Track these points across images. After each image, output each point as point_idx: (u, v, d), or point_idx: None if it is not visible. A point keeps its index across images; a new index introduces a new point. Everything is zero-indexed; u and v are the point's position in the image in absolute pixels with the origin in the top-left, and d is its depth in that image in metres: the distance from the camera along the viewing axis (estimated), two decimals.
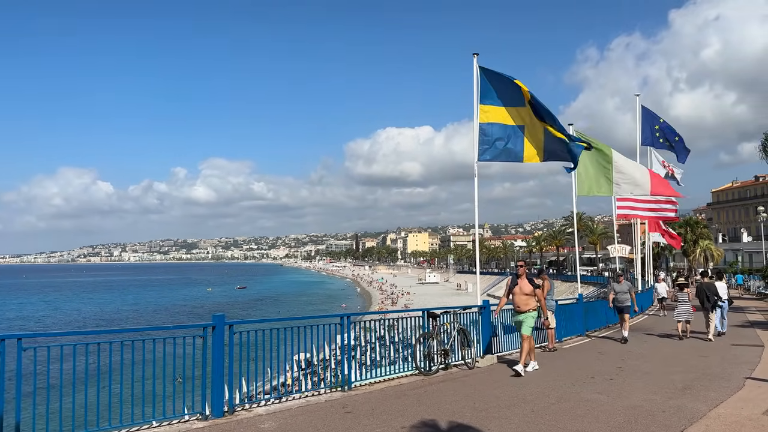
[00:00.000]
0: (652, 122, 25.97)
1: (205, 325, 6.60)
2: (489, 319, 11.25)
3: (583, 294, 16.27)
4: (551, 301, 12.85)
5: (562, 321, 14.42)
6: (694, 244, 54.19)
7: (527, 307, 9.81)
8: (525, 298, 9.82)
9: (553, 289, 12.96)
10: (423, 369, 9.38)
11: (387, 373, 9.12)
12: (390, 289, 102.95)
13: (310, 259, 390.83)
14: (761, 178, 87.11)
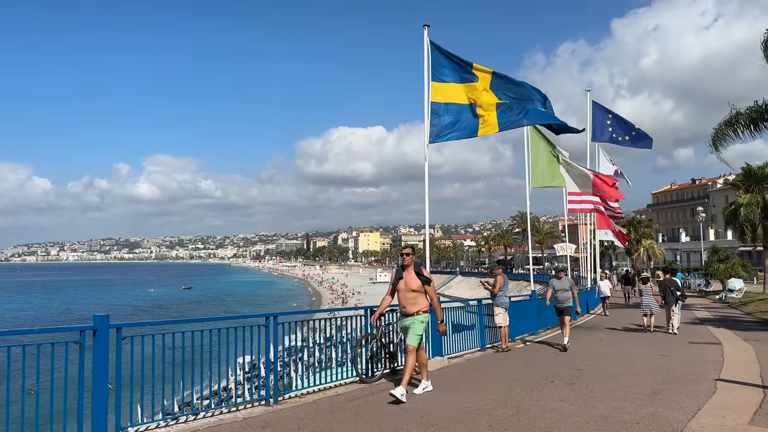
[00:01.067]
0: (603, 117, 25.74)
1: (84, 329, 5.20)
2: (434, 321, 10.19)
3: (536, 291, 15.52)
4: (504, 298, 11.94)
5: (515, 319, 13.57)
6: (637, 243, 55.36)
7: (415, 308, 7.37)
8: (412, 296, 7.38)
9: (506, 286, 12.06)
10: (365, 375, 8.22)
11: (323, 381, 7.90)
12: (341, 288, 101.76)
13: (259, 259, 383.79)
14: (698, 180, 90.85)
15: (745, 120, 19.86)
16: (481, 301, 12.24)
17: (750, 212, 28.93)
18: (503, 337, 11.86)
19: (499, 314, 11.79)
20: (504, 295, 11.93)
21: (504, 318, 11.79)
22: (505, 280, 12.04)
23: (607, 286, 22.13)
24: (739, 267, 31.88)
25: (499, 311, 11.79)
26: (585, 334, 15.31)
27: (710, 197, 77.26)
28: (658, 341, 13.64)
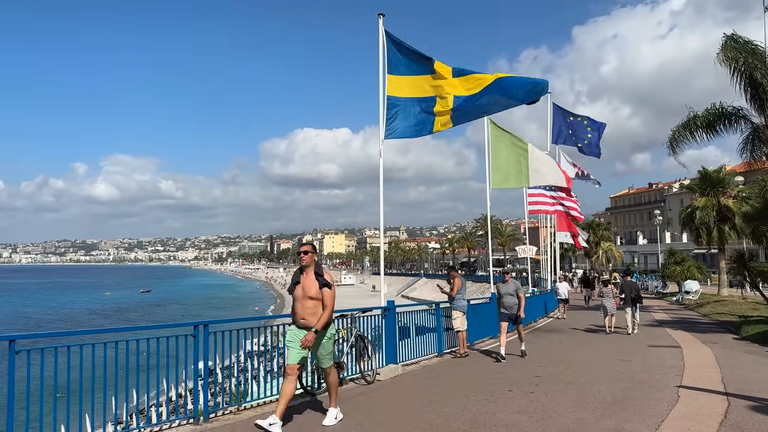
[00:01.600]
0: (563, 120, 25.72)
1: None
2: (394, 323, 9.65)
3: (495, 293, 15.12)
4: (462, 301, 11.47)
5: (474, 322, 13.15)
6: (596, 246, 56.24)
7: (316, 317, 5.84)
8: (311, 305, 5.86)
9: (464, 288, 11.58)
10: (309, 387, 7.58)
11: (263, 395, 7.23)
12: None
13: (221, 262, 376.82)
14: (654, 185, 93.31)
15: (702, 122, 20.04)
16: (439, 304, 11.76)
17: (705, 215, 29.47)
18: (461, 341, 11.38)
19: (457, 318, 11.32)
20: (462, 298, 11.46)
21: (462, 322, 11.32)
22: (463, 282, 11.57)
23: (565, 289, 21.40)
24: (695, 269, 32.51)
25: (457, 315, 11.33)
26: (545, 338, 15.02)
27: (666, 201, 79.32)
28: (619, 344, 13.43)
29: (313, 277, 5.95)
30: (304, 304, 5.92)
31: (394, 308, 9.69)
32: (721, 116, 19.88)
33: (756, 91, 18.49)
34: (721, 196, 30.04)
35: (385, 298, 10.32)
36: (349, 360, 8.40)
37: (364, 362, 8.51)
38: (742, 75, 18.57)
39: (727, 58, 18.37)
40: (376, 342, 9.38)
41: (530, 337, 15.07)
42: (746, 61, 18.11)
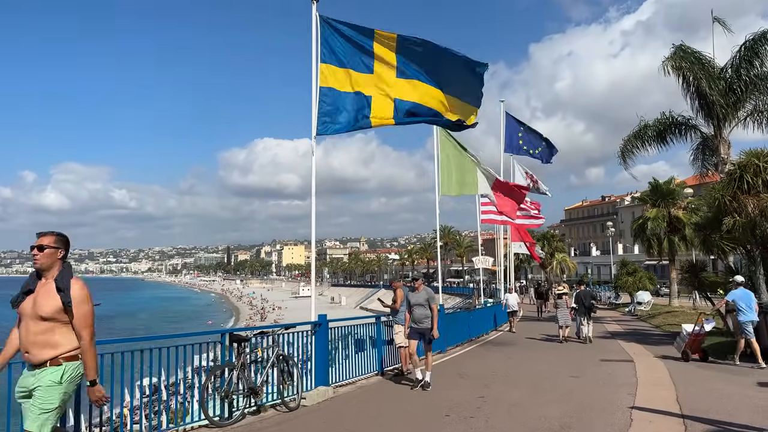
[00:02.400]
0: (515, 129, 25.48)
1: None
2: (326, 340, 8.68)
3: (444, 305, 14.38)
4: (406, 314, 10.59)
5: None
6: (551, 257, 56.63)
7: (45, 353, 3.73)
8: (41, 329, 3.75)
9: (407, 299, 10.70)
10: (219, 417, 6.54)
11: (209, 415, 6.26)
12: (261, 303, 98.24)
13: (176, 274, 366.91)
14: (607, 197, 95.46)
15: (653, 132, 19.99)
16: (380, 317, 10.85)
17: (656, 225, 29.70)
18: (403, 358, 10.48)
19: (399, 333, 10.42)
20: (405, 311, 10.57)
21: (404, 337, 10.43)
22: (406, 294, 10.70)
23: (515, 300, 20.05)
24: (646, 280, 32.73)
25: (399, 329, 10.43)
26: (495, 351, 14.31)
27: (619, 213, 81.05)
28: (570, 358, 12.82)
29: (52, 289, 3.80)
30: (29, 327, 3.76)
31: (327, 323, 8.73)
32: (671, 126, 19.88)
33: (704, 101, 18.52)
34: (671, 208, 30.34)
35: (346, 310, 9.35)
36: (270, 383, 7.39)
37: (287, 386, 7.51)
38: (690, 85, 18.60)
39: (674, 67, 18.35)
40: (305, 361, 8.41)
41: (480, 351, 14.36)
42: (694, 72, 18.12)
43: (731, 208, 13.42)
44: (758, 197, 12.97)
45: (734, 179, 13.50)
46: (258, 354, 7.28)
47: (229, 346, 6.92)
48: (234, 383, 6.69)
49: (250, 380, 6.91)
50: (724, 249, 14.24)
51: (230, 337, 6.90)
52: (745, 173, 13.30)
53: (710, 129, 19.18)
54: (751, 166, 13.28)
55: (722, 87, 18.15)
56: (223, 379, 6.65)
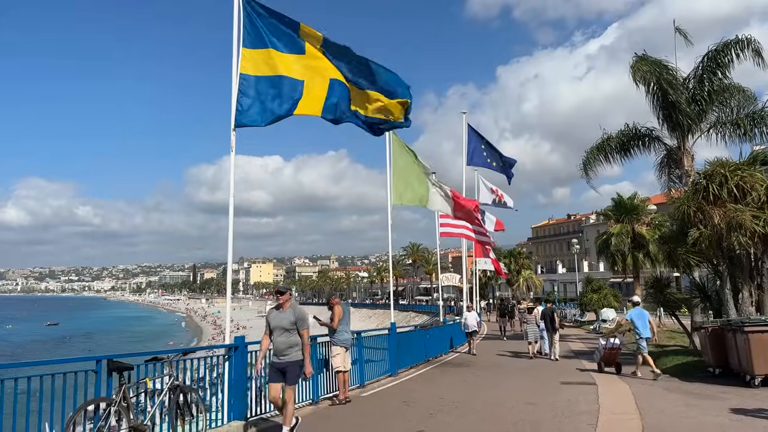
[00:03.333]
0: (478, 141, 24.78)
1: None
2: (244, 365, 7.45)
3: (395, 323, 13.22)
4: (345, 334, 9.42)
5: (364, 358, 11.18)
6: (517, 274, 56.23)
7: None
8: None
9: (348, 318, 9.56)
10: None
11: None
12: None
13: (140, 292, 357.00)
14: (573, 216, 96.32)
15: (616, 144, 19.42)
16: (316, 338, 9.63)
17: (620, 242, 29.22)
18: (341, 384, 9.29)
19: (337, 355, 9.25)
20: (345, 331, 9.42)
21: (343, 360, 9.26)
22: (346, 311, 9.55)
23: (474, 319, 18.15)
24: (611, 297, 32.21)
25: (337, 351, 9.26)
26: (450, 374, 13.21)
27: (584, 231, 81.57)
28: (529, 381, 11.82)
29: None
30: None
31: (245, 346, 7.50)
32: (634, 137, 19.35)
33: (668, 111, 18.06)
34: (635, 224, 29.96)
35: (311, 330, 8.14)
36: (165, 421, 6.11)
37: (186, 422, 6.25)
38: (655, 94, 18.14)
39: (639, 74, 17.88)
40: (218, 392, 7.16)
41: (434, 373, 13.24)
42: (658, 78, 17.66)
43: (696, 220, 12.74)
44: (724, 207, 12.31)
45: (699, 189, 12.84)
46: (148, 385, 6.02)
47: (108, 376, 5.65)
48: (111, 421, 5.42)
49: (133, 418, 5.63)
50: (690, 263, 13.54)
51: (108, 365, 5.63)
52: (710, 183, 12.65)
53: (674, 141, 18.73)
54: (717, 175, 12.65)
55: (686, 97, 17.74)
56: (97, 417, 5.37)
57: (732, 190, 12.42)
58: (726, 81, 17.95)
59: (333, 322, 9.29)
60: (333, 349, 9.30)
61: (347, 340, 9.42)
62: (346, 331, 9.42)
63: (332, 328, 9.39)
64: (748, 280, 12.74)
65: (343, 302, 9.71)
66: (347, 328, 9.47)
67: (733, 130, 18.06)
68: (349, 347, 9.52)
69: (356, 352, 10.84)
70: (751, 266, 12.87)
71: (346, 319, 9.45)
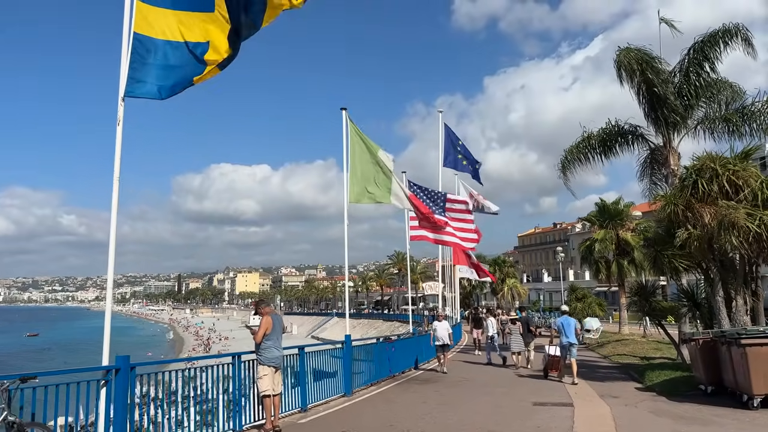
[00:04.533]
0: (453, 142, 23.51)
1: None
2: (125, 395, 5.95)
3: (351, 335, 11.72)
4: (274, 351, 7.87)
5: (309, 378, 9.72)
6: (502, 283, 54.99)
7: None
8: None
9: (279, 331, 8.05)
10: None
11: None
12: (207, 333, 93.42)
13: (124, 302, 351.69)
14: (558, 224, 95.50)
15: (597, 142, 18.20)
16: (239, 355, 8.12)
17: (604, 248, 28.13)
18: (267, 411, 7.77)
19: (264, 377, 7.74)
20: (273, 347, 7.91)
21: (271, 382, 7.74)
22: (276, 323, 8.05)
23: (445, 330, 15.51)
24: (596, 306, 31.02)
25: (264, 372, 7.75)
26: (411, 392, 11.73)
27: (570, 240, 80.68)
28: (497, 401, 10.41)
29: None
30: None
31: (129, 369, 6.01)
32: (617, 135, 18.14)
33: (654, 106, 16.89)
34: (619, 229, 28.88)
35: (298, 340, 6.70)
36: None
37: None
38: (639, 87, 16.97)
39: (623, 69, 16.71)
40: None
41: (394, 392, 11.77)
42: (644, 73, 16.48)
43: (684, 219, 11.45)
44: (715, 205, 11.04)
45: (688, 186, 11.57)
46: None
47: None
48: None
49: None
50: (677, 268, 12.22)
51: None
52: (700, 178, 11.39)
53: (659, 138, 17.57)
54: (707, 170, 11.39)
55: (672, 90, 16.61)
56: None
57: (724, 185, 11.17)
58: (713, 75, 16.85)
59: (256, 336, 7.80)
60: (258, 369, 7.80)
61: (276, 359, 7.90)
62: (276, 348, 7.91)
63: (256, 343, 7.89)
64: (741, 286, 11.46)
65: (274, 313, 8.19)
66: (277, 343, 7.96)
67: (723, 126, 16.92)
68: (280, 366, 8.02)
69: (298, 370, 9.39)
70: (746, 270, 11.60)
71: (276, 333, 7.95)
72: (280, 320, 8.17)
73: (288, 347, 8.93)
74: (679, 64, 17.08)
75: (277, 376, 7.83)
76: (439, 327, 15.55)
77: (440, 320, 16.03)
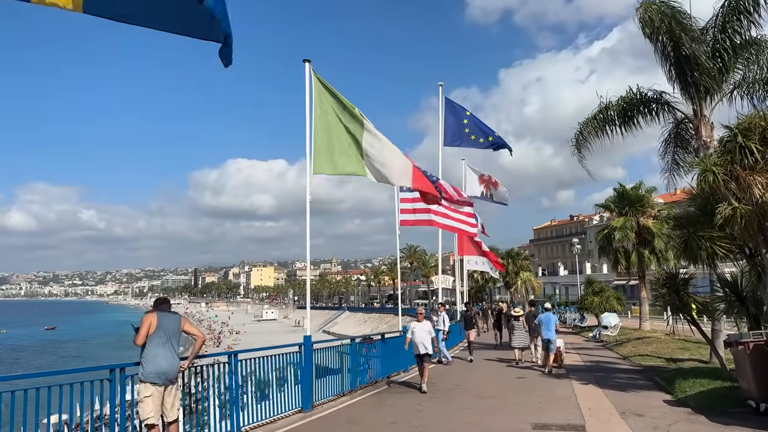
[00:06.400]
0: (458, 116, 21.08)
1: None
2: None
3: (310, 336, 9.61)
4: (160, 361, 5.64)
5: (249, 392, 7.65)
6: (516, 276, 52.49)
7: None
8: None
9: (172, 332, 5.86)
10: None
11: None
12: (219, 327, 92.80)
13: (141, 296, 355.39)
14: (575, 217, 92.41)
15: (617, 111, 15.81)
16: (124, 368, 6.01)
17: (624, 237, 25.62)
18: None
19: (146, 399, 5.61)
20: (160, 354, 5.70)
21: (157, 406, 5.62)
22: (164, 323, 5.86)
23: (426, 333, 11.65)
24: (614, 300, 28.46)
25: (147, 392, 5.61)
26: (386, 407, 9.58)
27: (587, 233, 77.75)
28: (488, 421, 8.23)
29: None
30: None
31: None
32: (639, 104, 15.75)
33: (683, 69, 14.49)
34: (640, 216, 26.34)
35: None
36: None
37: None
38: (666, 46, 14.55)
39: (647, 26, 14.29)
40: None
41: (363, 406, 9.62)
42: (671, 30, 14.05)
43: (727, 192, 9.13)
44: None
45: (731, 150, 9.23)
46: None
47: None
48: None
49: None
50: (716, 252, 9.88)
51: None
52: (748, 140, 9.05)
53: (688, 107, 15.16)
54: (757, 128, 9.05)
55: (704, 50, 14.19)
56: None
57: None
58: (753, 32, 14.42)
59: (136, 338, 5.69)
60: (138, 389, 5.69)
61: (163, 373, 5.72)
62: (164, 357, 5.77)
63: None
64: None
65: (168, 313, 6.04)
66: (166, 351, 5.78)
67: (764, 91, 14.51)
68: (173, 383, 5.88)
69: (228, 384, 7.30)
70: None
71: (163, 337, 5.78)
72: (174, 320, 5.99)
73: None
74: (712, 20, 14.64)
75: (170, 397, 5.74)
76: (418, 329, 11.71)
77: (420, 319, 12.04)
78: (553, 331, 14.17)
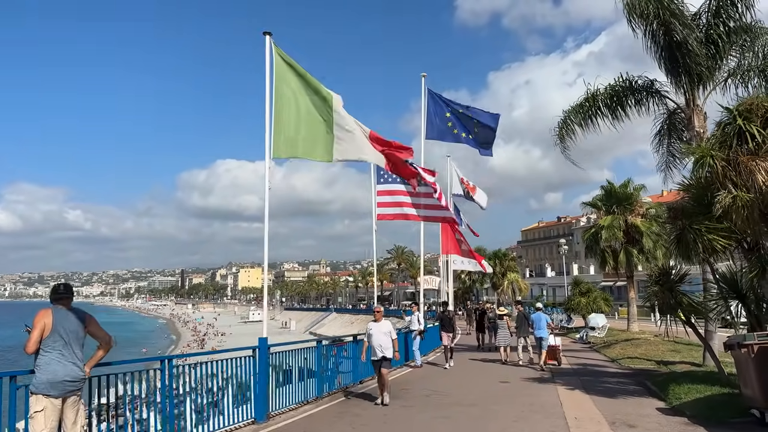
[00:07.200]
0: (440, 110, 20.15)
1: None
2: None
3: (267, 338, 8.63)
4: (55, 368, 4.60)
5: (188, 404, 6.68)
6: (502, 277, 51.77)
7: None
8: None
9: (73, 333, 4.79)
10: None
11: None
12: (205, 329, 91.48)
13: (128, 297, 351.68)
14: (563, 218, 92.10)
15: (603, 100, 14.98)
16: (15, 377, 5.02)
17: (611, 236, 24.88)
18: None
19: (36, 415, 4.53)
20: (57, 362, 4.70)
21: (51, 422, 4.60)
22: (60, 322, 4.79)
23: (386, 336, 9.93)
24: (601, 300, 27.67)
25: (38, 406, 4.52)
26: (351, 416, 8.62)
27: (574, 234, 77.36)
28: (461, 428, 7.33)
29: None
30: None
31: None
32: (628, 92, 14.94)
33: (675, 56, 13.70)
34: (628, 215, 25.63)
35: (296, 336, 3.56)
36: None
37: None
38: (656, 35, 13.76)
39: (635, 10, 13.47)
40: None
41: (325, 416, 8.65)
42: (661, 13, 13.24)
43: (726, 179, 8.31)
44: None
45: (730, 134, 8.41)
46: None
47: None
48: None
49: None
50: (714, 246, 9.03)
51: None
52: (747, 123, 8.23)
53: (680, 97, 14.39)
54: (759, 110, 8.24)
55: (696, 36, 13.42)
56: None
57: None
58: (749, 17, 13.68)
59: (27, 344, 4.69)
60: (31, 402, 4.69)
61: (57, 383, 4.71)
62: (62, 363, 4.71)
63: None
64: None
65: (68, 310, 5.02)
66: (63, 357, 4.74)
67: (760, 79, 13.78)
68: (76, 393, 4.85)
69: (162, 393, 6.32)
70: None
71: (57, 341, 4.76)
72: (75, 320, 4.97)
73: None
74: (705, 4, 13.88)
75: (71, 412, 4.74)
76: (375, 330, 9.93)
77: (378, 319, 10.26)
78: (545, 330, 14.53)
